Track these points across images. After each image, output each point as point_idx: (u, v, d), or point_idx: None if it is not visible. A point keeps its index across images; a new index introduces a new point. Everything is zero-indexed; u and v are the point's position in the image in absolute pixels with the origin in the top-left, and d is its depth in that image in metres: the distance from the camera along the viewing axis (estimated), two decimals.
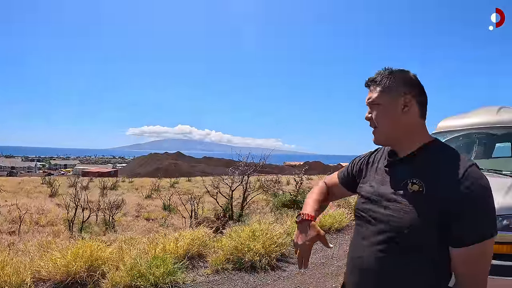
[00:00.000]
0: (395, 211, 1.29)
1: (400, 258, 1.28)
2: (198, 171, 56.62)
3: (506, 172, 4.27)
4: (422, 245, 1.25)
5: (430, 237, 1.23)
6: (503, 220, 3.36)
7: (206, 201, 14.61)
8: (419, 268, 1.26)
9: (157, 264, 4.27)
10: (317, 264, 5.40)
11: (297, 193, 10.60)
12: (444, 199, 1.21)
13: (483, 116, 5.05)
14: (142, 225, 10.33)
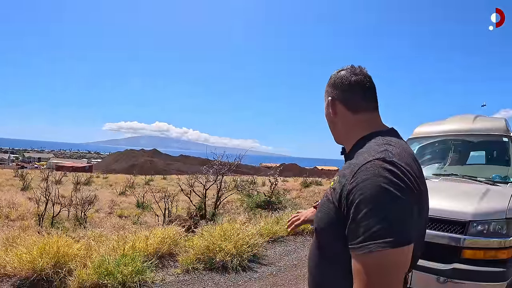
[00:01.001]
0: (319, 210, 1.25)
1: (319, 255, 1.25)
2: (174, 169, 55.89)
3: (480, 178, 4.31)
4: (326, 243, 1.20)
5: (336, 234, 1.11)
6: (478, 226, 3.39)
7: (181, 199, 14.39)
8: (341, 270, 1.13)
9: (126, 262, 4.14)
10: (289, 266, 5.35)
11: (271, 194, 10.54)
12: (340, 197, 1.10)
13: (460, 123, 5.13)
14: (115, 222, 10.06)
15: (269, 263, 5.34)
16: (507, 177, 4.36)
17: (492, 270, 3.28)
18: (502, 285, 3.27)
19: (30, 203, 11.46)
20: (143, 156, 66.58)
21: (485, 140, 5.06)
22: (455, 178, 4.45)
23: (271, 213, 8.91)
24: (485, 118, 5.36)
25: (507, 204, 3.50)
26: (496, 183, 4.22)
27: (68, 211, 9.80)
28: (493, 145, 5.18)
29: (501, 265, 3.32)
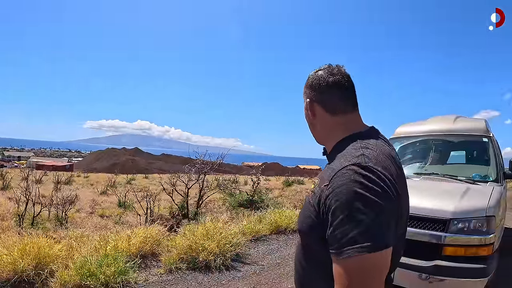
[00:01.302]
0: (301, 212, 1.27)
1: (304, 258, 1.26)
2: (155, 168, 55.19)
3: (461, 178, 4.42)
4: (310, 244, 1.21)
5: (318, 238, 1.12)
6: (458, 224, 3.47)
7: (163, 199, 14.26)
8: (323, 270, 1.14)
9: (108, 262, 4.08)
10: (272, 264, 5.36)
11: (253, 193, 10.53)
12: (319, 201, 1.11)
13: (441, 124, 5.24)
14: (96, 222, 9.87)
15: (252, 262, 5.35)
16: (486, 176, 4.49)
17: (473, 266, 3.38)
18: (483, 281, 3.37)
19: (10, 203, 11.17)
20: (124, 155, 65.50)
21: (466, 140, 5.19)
22: (436, 177, 4.54)
23: (254, 212, 8.91)
24: (466, 119, 5.49)
25: (487, 202, 3.60)
26: (476, 182, 4.35)
27: (48, 211, 9.59)
28: (473, 145, 5.32)
29: (482, 262, 3.42)
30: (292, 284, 4.59)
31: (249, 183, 21.96)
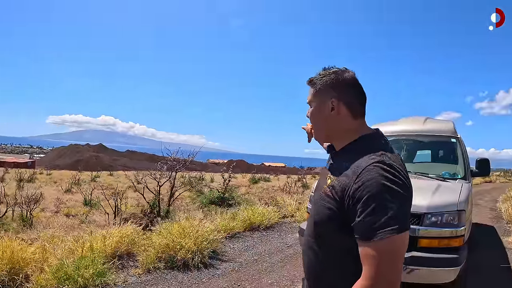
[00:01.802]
0: (316, 204, 1.37)
1: (318, 248, 1.36)
2: (120, 165, 53.64)
3: (432, 175, 4.61)
4: (333, 237, 1.29)
5: (333, 229, 1.27)
6: (432, 217, 3.63)
7: (130, 196, 13.93)
8: (337, 258, 1.31)
9: (86, 264, 3.88)
10: (250, 261, 5.33)
11: (224, 190, 10.46)
12: (343, 194, 1.22)
13: (411, 124, 5.43)
14: (63, 221, 9.44)
15: (229, 259, 5.29)
16: (455, 174, 4.75)
17: (446, 256, 3.55)
18: (456, 270, 3.52)
19: None
20: (88, 151, 63.06)
21: (435, 141, 5.44)
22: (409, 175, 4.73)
23: (226, 209, 8.85)
24: (435, 120, 5.76)
25: (457, 198, 3.81)
26: (446, 179, 4.57)
27: (12, 211, 9.10)
28: (442, 145, 5.58)
29: (454, 252, 3.61)
30: (271, 280, 4.62)
31: (215, 181, 21.82)
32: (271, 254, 5.72)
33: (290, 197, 10.90)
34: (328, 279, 1.36)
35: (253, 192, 17.31)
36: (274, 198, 10.77)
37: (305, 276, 1.51)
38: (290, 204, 9.59)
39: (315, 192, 1.50)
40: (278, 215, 8.13)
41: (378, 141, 1.36)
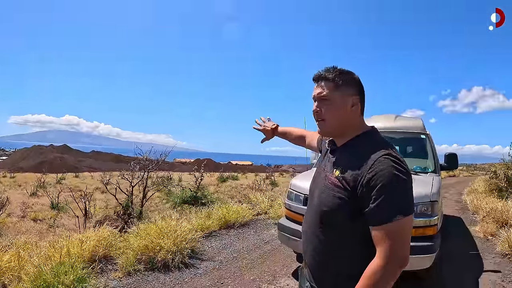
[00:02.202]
0: (323, 193, 1.46)
1: (327, 234, 1.45)
2: (85, 166, 51.62)
3: None
4: (344, 224, 1.39)
5: (350, 216, 1.36)
6: None
7: (97, 198, 13.55)
8: (346, 244, 1.41)
9: (65, 270, 3.69)
10: (229, 259, 5.28)
11: (197, 189, 10.35)
12: (356, 183, 1.34)
13: (383, 121, 5.61)
14: (30, 226, 9.03)
15: (209, 258, 5.22)
16: (426, 168, 4.97)
17: (422, 244, 3.68)
18: (432, 256, 3.68)
19: None
20: (52, 153, 60.10)
21: (406, 137, 5.66)
22: None
23: (200, 208, 8.76)
24: (404, 118, 6.01)
25: (430, 189, 3.98)
26: (418, 173, 4.77)
27: None
28: (412, 141, 5.82)
29: (429, 240, 3.77)
30: (254, 276, 4.62)
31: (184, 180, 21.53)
32: (249, 251, 5.70)
33: (262, 195, 10.94)
34: (335, 266, 1.44)
35: (222, 191, 17.26)
36: (247, 196, 10.78)
37: (309, 264, 1.57)
38: (263, 201, 9.62)
39: (315, 186, 1.57)
40: (252, 213, 8.14)
41: (379, 136, 1.50)
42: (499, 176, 11.28)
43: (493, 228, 6.97)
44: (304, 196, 4.44)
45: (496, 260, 5.40)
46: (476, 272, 4.94)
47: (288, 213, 4.69)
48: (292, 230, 4.41)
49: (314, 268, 1.53)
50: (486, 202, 9.35)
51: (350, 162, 1.40)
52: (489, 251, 5.90)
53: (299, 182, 4.69)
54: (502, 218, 7.32)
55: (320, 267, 1.50)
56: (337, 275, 1.44)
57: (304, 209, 4.33)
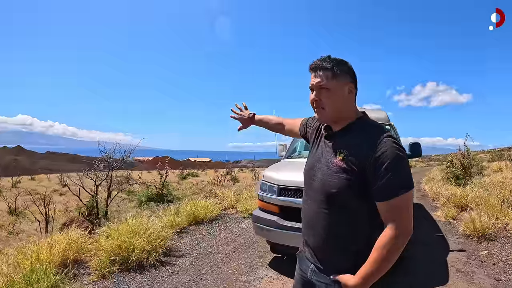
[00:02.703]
0: (327, 175, 1.51)
1: (332, 214, 1.51)
2: (41, 167, 48.76)
3: None
4: (347, 203, 1.47)
5: (353, 195, 1.45)
6: None
7: (56, 201, 12.85)
8: (353, 221, 1.49)
9: (37, 278, 3.43)
10: (204, 254, 5.18)
11: (162, 187, 10.12)
12: (363, 164, 1.42)
13: None
14: None
15: (183, 255, 5.09)
16: None
17: None
18: None
19: None
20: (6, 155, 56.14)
21: None
22: None
23: (167, 205, 8.56)
24: (370, 110, 6.12)
25: None
26: None
27: None
28: None
29: None
30: (231, 269, 4.58)
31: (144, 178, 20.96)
32: (223, 245, 5.62)
33: (228, 190, 10.89)
34: (343, 244, 1.52)
35: (183, 188, 16.97)
36: (213, 191, 10.69)
37: (313, 247, 1.63)
38: (229, 196, 9.59)
39: (315, 171, 1.61)
40: (220, 208, 8.08)
41: (372, 120, 1.59)
42: (456, 165, 11.95)
43: (453, 212, 7.36)
44: (278, 187, 4.42)
45: (460, 241, 5.70)
46: (443, 252, 5.19)
47: (262, 204, 4.66)
48: (266, 221, 4.39)
49: (319, 249, 1.60)
50: (445, 189, 9.88)
51: (353, 145, 1.48)
52: (452, 233, 6.21)
53: (272, 174, 4.66)
54: (461, 203, 7.72)
55: (327, 247, 1.57)
56: (344, 252, 1.53)
57: (278, 199, 4.35)
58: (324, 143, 1.64)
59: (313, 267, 1.64)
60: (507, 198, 6.80)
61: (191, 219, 6.96)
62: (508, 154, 26.12)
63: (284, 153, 5.96)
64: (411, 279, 4.12)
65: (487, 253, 4.95)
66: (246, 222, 7.30)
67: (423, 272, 4.40)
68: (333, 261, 1.55)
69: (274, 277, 4.36)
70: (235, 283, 4.17)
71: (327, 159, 1.55)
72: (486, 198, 7.15)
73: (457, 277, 4.29)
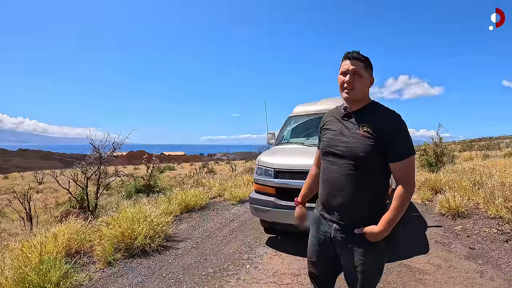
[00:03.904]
0: (354, 143, 1.78)
1: (360, 174, 1.77)
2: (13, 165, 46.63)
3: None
4: (372, 164, 1.76)
5: (378, 158, 1.75)
6: None
7: (33, 198, 12.44)
8: (374, 180, 1.79)
9: (47, 268, 3.33)
10: (203, 237, 5.18)
11: (149, 178, 10.05)
12: (384, 133, 1.72)
13: (327, 104, 5.85)
14: None
15: (184, 239, 5.07)
16: None
17: None
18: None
19: None
20: None
21: None
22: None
23: (156, 196, 8.52)
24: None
25: None
26: None
27: None
28: None
29: None
30: (232, 249, 4.59)
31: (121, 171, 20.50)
32: (219, 229, 5.64)
33: (213, 180, 10.94)
34: (368, 199, 1.80)
35: (162, 182, 16.81)
36: (200, 181, 10.71)
37: (337, 207, 1.86)
38: (215, 185, 9.66)
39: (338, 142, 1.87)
40: (208, 196, 8.13)
41: (381, 104, 1.89)
42: (429, 153, 12.50)
43: (429, 195, 7.71)
44: (274, 170, 4.53)
45: (436, 219, 6.00)
46: (422, 227, 5.47)
47: (258, 187, 4.76)
48: (264, 202, 4.50)
49: (345, 207, 1.83)
50: (420, 175, 10.32)
51: (374, 120, 1.78)
52: (428, 212, 6.53)
53: (267, 159, 4.77)
54: (436, 187, 8.10)
55: (353, 205, 1.81)
56: (368, 208, 1.81)
57: (274, 182, 4.48)
58: (341, 123, 1.91)
59: (336, 226, 1.87)
60: (477, 181, 7.17)
61: (183, 207, 6.94)
62: (478, 145, 27.38)
63: (273, 141, 6.09)
64: (396, 251, 4.32)
65: (461, 228, 5.23)
66: (236, 208, 7.37)
67: (406, 244, 4.64)
68: (357, 217, 1.81)
69: (273, 254, 4.45)
70: (238, 261, 4.21)
71: (351, 132, 1.82)
72: (458, 181, 7.49)
73: (436, 247, 4.55)
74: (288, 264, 4.09)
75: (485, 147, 24.52)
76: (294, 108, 6.26)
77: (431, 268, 3.85)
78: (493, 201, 5.57)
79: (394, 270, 3.81)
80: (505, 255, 4.11)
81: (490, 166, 10.29)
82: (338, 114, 1.96)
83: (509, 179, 6.81)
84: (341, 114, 1.93)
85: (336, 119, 1.96)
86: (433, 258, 4.15)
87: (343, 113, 1.92)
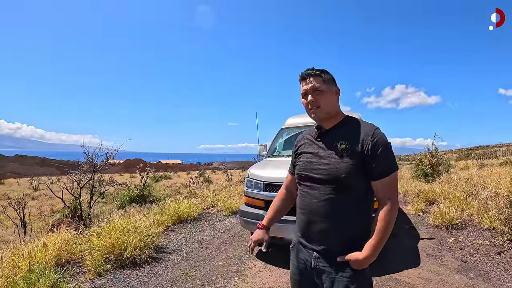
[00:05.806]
0: (332, 164, 1.65)
1: (342, 198, 1.64)
2: (9, 171, 46.28)
3: None
4: (354, 185, 1.63)
5: (361, 177, 1.63)
6: None
7: (29, 205, 12.37)
8: (357, 203, 1.65)
9: (37, 278, 3.33)
10: (193, 249, 5.18)
11: (143, 188, 10.02)
12: (363, 150, 1.62)
13: None
14: None
15: (174, 251, 5.08)
16: None
17: None
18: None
19: None
20: None
21: None
22: None
23: (150, 205, 8.49)
24: (346, 112, 6.38)
25: None
26: None
27: None
28: None
29: None
30: (221, 261, 4.59)
31: (117, 180, 20.38)
32: (210, 241, 5.64)
33: (207, 190, 10.92)
34: (349, 223, 1.66)
35: (156, 191, 16.75)
36: (194, 191, 10.69)
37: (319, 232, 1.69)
38: (208, 196, 9.64)
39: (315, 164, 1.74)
40: (202, 207, 8.11)
41: (356, 118, 1.79)
42: (424, 163, 12.46)
43: (422, 206, 7.73)
44: (263, 183, 4.54)
45: (429, 230, 6.01)
46: (414, 240, 5.48)
47: (248, 199, 4.76)
48: (253, 215, 4.49)
49: (326, 234, 1.68)
50: (415, 185, 10.31)
51: (351, 136, 1.68)
52: (422, 224, 6.55)
53: (257, 171, 4.78)
54: (430, 198, 8.13)
55: (334, 231, 1.67)
56: (350, 232, 1.66)
57: (263, 195, 4.49)
58: (316, 144, 1.79)
59: (316, 254, 1.70)
60: (471, 192, 7.18)
61: (175, 218, 6.94)
62: (474, 153, 27.37)
63: (265, 153, 6.10)
64: (386, 265, 4.32)
65: (454, 240, 5.26)
66: (228, 220, 7.37)
67: (398, 257, 4.63)
68: (340, 243, 1.65)
69: (262, 266, 4.45)
70: (227, 273, 4.22)
71: (328, 152, 1.70)
72: (452, 192, 7.52)
73: (427, 260, 4.55)
74: (277, 277, 4.10)
75: (482, 156, 24.61)
76: (287, 120, 6.30)
77: (421, 282, 3.84)
78: (487, 212, 5.59)
79: (383, 284, 3.81)
80: (497, 268, 4.12)
81: (485, 175, 10.31)
82: (312, 135, 1.84)
83: (503, 189, 6.83)
84: (315, 135, 1.80)
85: (310, 141, 1.83)
86: (423, 272, 4.15)
87: (317, 133, 1.80)
